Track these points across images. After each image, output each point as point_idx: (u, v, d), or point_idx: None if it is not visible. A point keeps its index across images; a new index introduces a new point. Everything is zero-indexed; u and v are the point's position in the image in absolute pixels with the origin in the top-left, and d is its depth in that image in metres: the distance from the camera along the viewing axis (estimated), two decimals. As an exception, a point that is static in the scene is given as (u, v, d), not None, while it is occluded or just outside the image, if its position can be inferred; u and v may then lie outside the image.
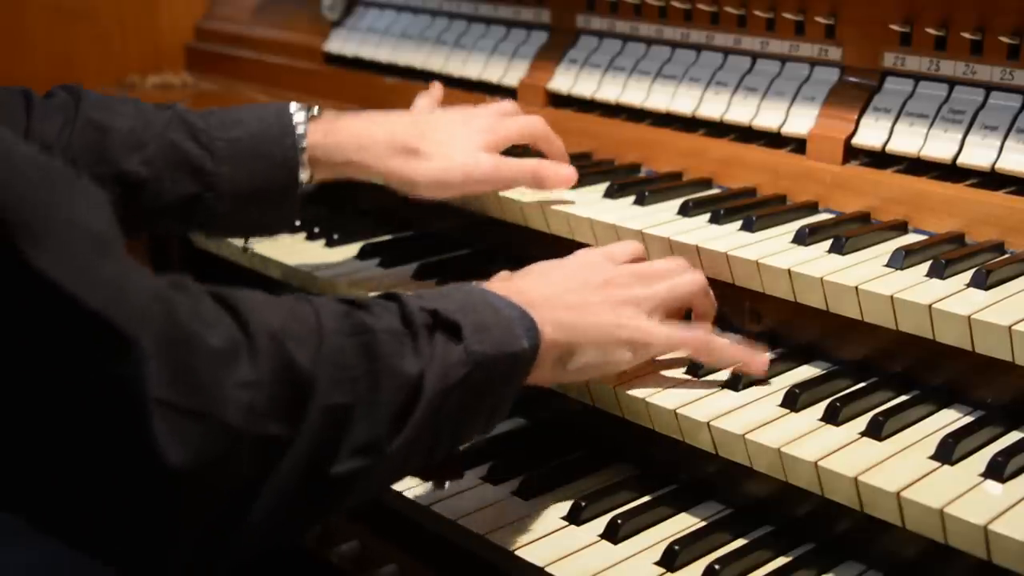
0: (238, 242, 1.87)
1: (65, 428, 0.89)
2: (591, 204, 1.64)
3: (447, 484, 1.41)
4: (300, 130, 1.55)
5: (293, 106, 1.57)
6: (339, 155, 1.57)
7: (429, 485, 1.43)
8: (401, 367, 1.08)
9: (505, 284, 1.31)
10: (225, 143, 1.52)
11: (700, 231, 1.52)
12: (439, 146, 1.58)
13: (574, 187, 1.69)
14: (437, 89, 1.85)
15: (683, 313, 1.46)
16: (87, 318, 0.86)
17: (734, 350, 1.37)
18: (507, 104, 1.75)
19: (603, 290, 1.33)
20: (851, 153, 1.61)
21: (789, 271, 1.39)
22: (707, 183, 1.72)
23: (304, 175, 1.55)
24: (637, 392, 1.36)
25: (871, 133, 1.58)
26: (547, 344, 1.24)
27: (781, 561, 1.31)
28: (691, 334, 1.36)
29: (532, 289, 1.29)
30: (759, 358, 1.37)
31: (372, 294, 1.67)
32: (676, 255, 1.49)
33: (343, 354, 1.04)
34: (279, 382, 0.98)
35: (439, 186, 1.59)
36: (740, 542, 1.34)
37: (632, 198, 1.64)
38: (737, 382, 1.37)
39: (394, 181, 1.60)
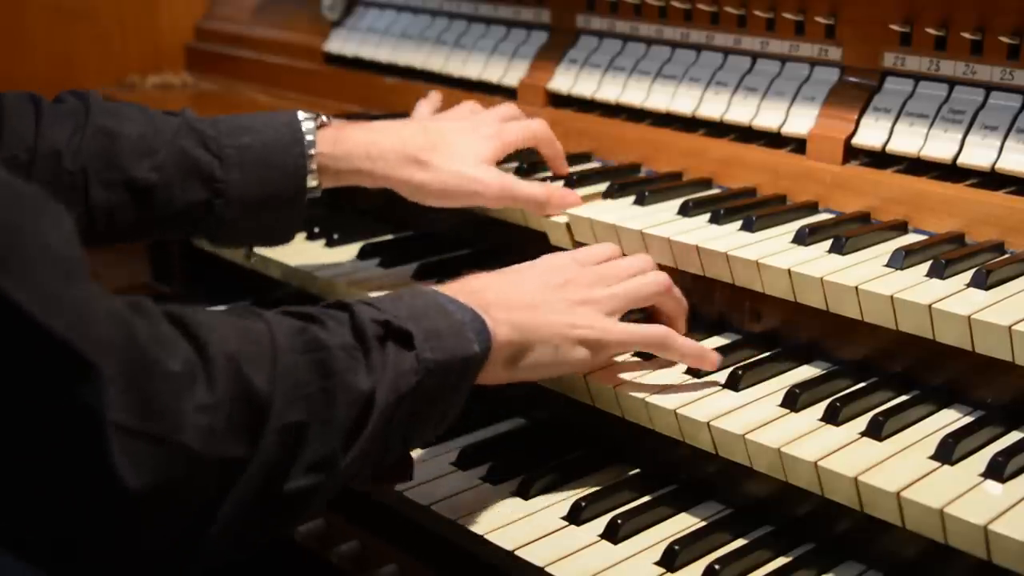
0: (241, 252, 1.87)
1: (24, 450, 0.89)
2: (591, 204, 1.64)
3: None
4: (309, 138, 1.56)
5: (301, 114, 1.58)
6: (347, 164, 1.59)
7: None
8: (355, 383, 1.09)
9: (459, 284, 1.32)
10: (235, 150, 1.53)
11: (700, 231, 1.51)
12: (449, 157, 1.60)
13: (574, 187, 1.70)
14: (436, 97, 1.89)
15: (656, 315, 1.47)
16: (50, 342, 0.86)
17: (691, 346, 1.39)
18: (508, 108, 1.78)
19: (561, 290, 1.35)
20: (851, 153, 1.61)
21: (789, 271, 1.38)
22: (707, 183, 1.72)
23: (312, 183, 1.57)
24: (637, 392, 1.36)
25: (871, 133, 1.58)
26: (499, 345, 1.25)
27: (781, 561, 1.31)
28: (648, 330, 1.37)
29: (486, 289, 1.30)
30: (711, 356, 1.39)
31: (376, 293, 1.68)
32: (676, 255, 1.49)
33: (298, 371, 1.05)
34: (236, 403, 0.99)
35: (446, 197, 1.62)
36: (740, 542, 1.33)
37: (632, 198, 1.64)
38: (737, 382, 1.37)
39: (403, 189, 1.63)
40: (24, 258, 0.86)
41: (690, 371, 1.41)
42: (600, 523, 1.36)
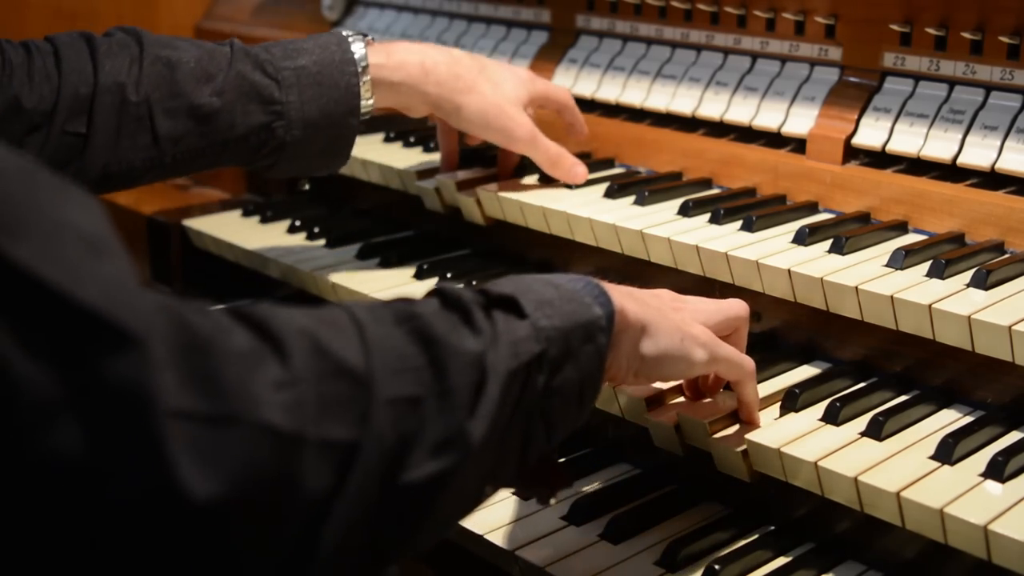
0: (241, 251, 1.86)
1: (54, 459, 0.71)
2: (591, 204, 1.64)
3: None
4: (361, 53, 1.59)
5: (347, 33, 1.62)
6: (400, 74, 1.63)
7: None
8: (462, 345, 0.94)
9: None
10: (291, 72, 1.55)
11: (700, 231, 1.51)
12: (493, 87, 1.67)
13: (574, 187, 1.70)
14: None
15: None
16: (79, 315, 0.71)
17: (756, 393, 1.30)
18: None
19: (659, 300, 1.22)
20: (851, 153, 1.61)
21: (789, 271, 1.38)
22: (707, 183, 1.72)
23: (367, 97, 1.60)
24: (635, 395, 1.36)
25: (871, 133, 1.58)
26: (620, 314, 1.10)
27: (781, 561, 1.31)
28: (744, 357, 1.27)
29: (600, 281, 1.14)
30: (758, 415, 1.31)
31: (376, 293, 1.68)
32: (676, 255, 1.49)
33: (395, 344, 0.91)
34: (325, 379, 0.84)
35: (483, 127, 1.68)
36: (740, 542, 1.33)
37: (632, 198, 1.64)
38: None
39: (445, 106, 1.67)
40: (43, 231, 0.73)
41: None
42: (600, 523, 1.36)
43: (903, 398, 1.34)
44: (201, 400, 0.75)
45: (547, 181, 1.74)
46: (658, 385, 1.35)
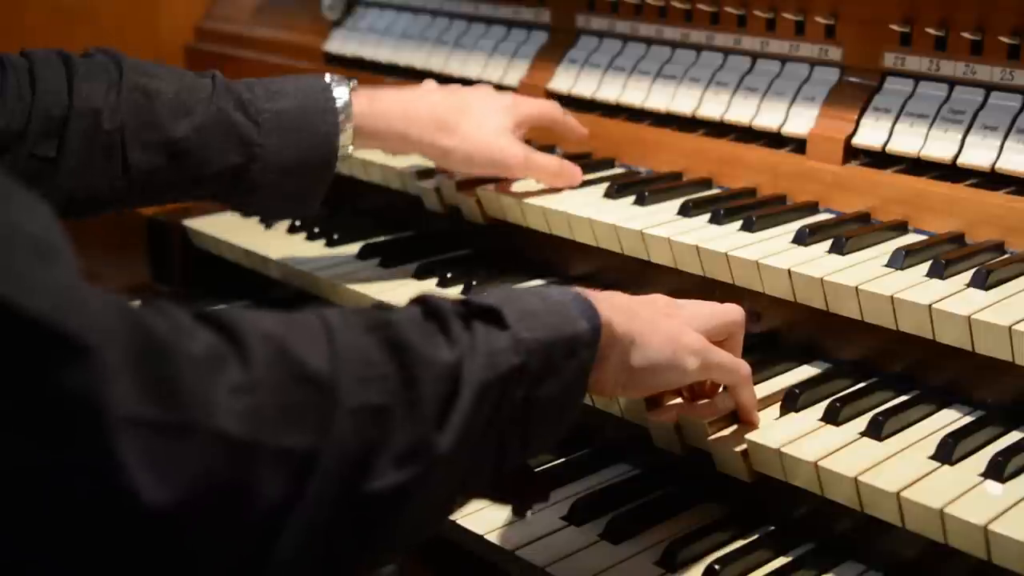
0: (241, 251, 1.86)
1: (4, 470, 0.70)
2: (591, 204, 1.64)
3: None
4: (344, 100, 1.58)
5: (331, 78, 1.60)
6: (383, 123, 1.63)
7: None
8: (435, 355, 0.93)
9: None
10: (271, 115, 1.54)
11: (700, 231, 1.51)
12: (475, 125, 1.67)
13: (574, 187, 1.71)
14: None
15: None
16: (28, 326, 0.69)
17: (754, 397, 1.30)
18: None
19: (652, 307, 1.22)
20: (851, 153, 1.61)
21: (789, 271, 1.38)
22: (707, 183, 1.72)
23: (346, 145, 1.59)
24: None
25: (871, 133, 1.58)
26: (611, 330, 1.09)
27: (781, 561, 1.31)
28: (740, 362, 1.26)
29: (586, 291, 1.13)
30: (757, 416, 1.30)
31: (376, 293, 1.68)
32: (676, 255, 1.49)
33: (365, 351, 0.90)
34: (287, 385, 0.83)
35: (470, 164, 1.68)
36: (740, 542, 1.33)
37: (632, 198, 1.64)
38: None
39: (431, 152, 1.68)
40: None
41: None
42: (600, 523, 1.36)
43: (903, 398, 1.34)
44: (155, 407, 0.74)
45: (547, 181, 1.74)
46: None
